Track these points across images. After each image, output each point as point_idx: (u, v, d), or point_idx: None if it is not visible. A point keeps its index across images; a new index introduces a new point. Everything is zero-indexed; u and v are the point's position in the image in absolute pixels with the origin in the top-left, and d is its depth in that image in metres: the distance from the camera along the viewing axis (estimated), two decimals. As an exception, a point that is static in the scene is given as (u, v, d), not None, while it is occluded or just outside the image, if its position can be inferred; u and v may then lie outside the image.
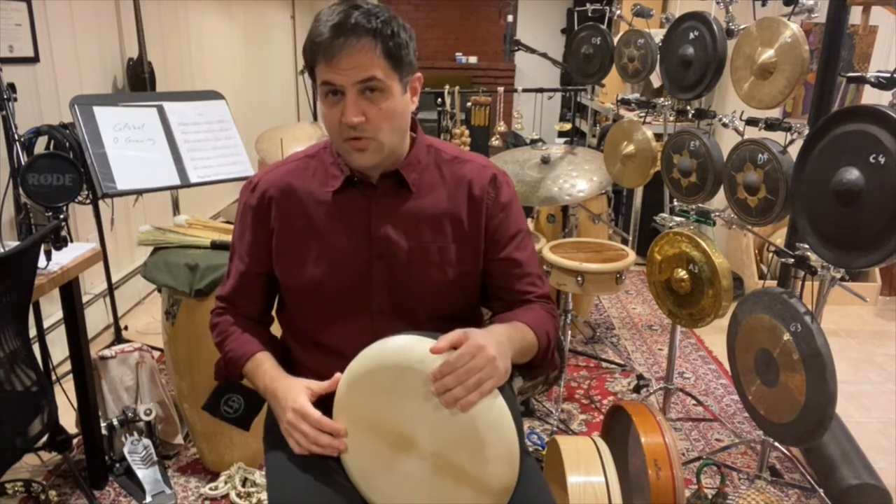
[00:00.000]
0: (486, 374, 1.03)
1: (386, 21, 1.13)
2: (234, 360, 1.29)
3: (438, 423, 1.06)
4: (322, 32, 1.11)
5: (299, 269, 1.26)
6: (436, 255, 1.24)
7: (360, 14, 1.11)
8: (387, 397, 1.08)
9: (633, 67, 2.63)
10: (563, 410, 2.66)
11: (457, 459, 1.06)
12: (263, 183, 1.28)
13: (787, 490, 2.23)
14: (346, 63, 1.10)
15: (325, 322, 1.27)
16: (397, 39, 1.13)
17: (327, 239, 1.25)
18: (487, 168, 1.29)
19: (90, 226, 2.97)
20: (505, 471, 1.06)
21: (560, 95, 5.75)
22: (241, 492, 2.13)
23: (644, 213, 4.22)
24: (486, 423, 1.04)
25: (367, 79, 1.11)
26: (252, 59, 5.86)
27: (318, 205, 1.25)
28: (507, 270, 1.29)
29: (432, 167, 1.28)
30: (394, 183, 1.25)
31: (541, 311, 1.28)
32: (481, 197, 1.26)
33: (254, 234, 1.29)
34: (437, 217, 1.25)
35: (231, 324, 1.33)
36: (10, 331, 1.64)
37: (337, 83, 1.12)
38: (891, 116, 1.48)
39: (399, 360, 1.07)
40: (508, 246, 1.28)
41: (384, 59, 1.12)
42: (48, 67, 2.99)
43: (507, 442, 1.04)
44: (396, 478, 1.12)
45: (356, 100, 1.13)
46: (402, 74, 1.16)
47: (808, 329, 1.79)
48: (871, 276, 3.88)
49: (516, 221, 1.30)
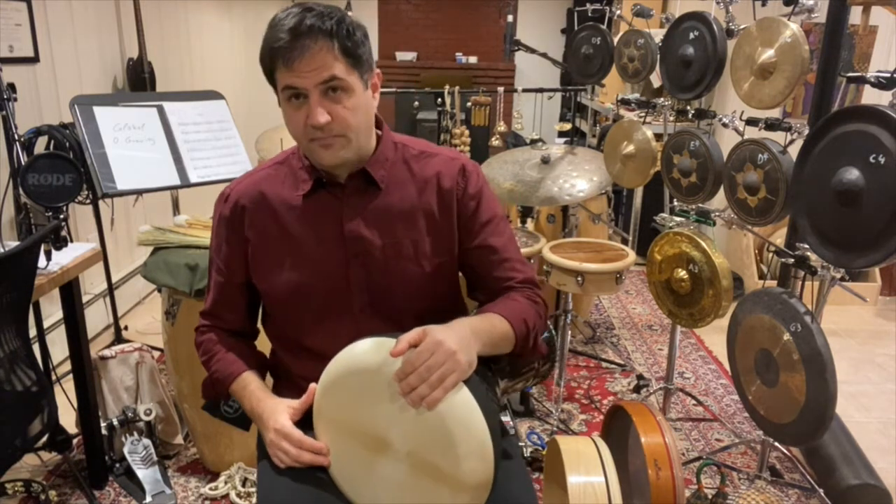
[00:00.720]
0: (448, 369, 1.03)
1: (339, 20, 1.13)
2: (220, 380, 1.31)
3: (409, 423, 1.06)
4: (279, 38, 1.11)
5: (277, 276, 1.27)
6: (410, 248, 1.25)
7: (313, 16, 1.11)
8: (358, 402, 1.10)
9: (633, 67, 2.63)
10: (563, 410, 2.66)
11: (431, 458, 1.07)
12: (235, 194, 1.30)
13: (787, 490, 2.23)
14: (306, 65, 1.11)
15: (309, 326, 1.27)
16: (353, 38, 1.14)
17: (302, 243, 1.25)
18: (456, 160, 1.30)
19: (90, 226, 2.97)
20: (479, 466, 1.05)
21: (560, 95, 5.74)
22: (241, 492, 2.13)
23: (644, 213, 4.22)
24: (454, 420, 1.04)
25: (329, 79, 1.12)
26: (252, 59, 5.79)
27: (289, 210, 1.26)
28: (485, 258, 1.29)
29: (400, 163, 1.28)
30: (362, 181, 1.25)
31: (519, 297, 1.27)
32: (451, 188, 1.27)
33: (229, 244, 1.30)
34: (407, 212, 1.25)
35: (215, 343, 1.33)
36: (10, 331, 1.64)
37: (299, 86, 1.13)
38: (891, 116, 1.48)
39: (364, 363, 1.08)
40: (482, 233, 1.28)
41: (343, 58, 1.13)
42: (48, 67, 2.99)
43: (478, 438, 1.04)
44: (377, 480, 1.12)
45: (320, 100, 1.13)
46: (361, 71, 1.16)
47: (808, 329, 1.79)
48: (871, 276, 3.88)
49: (489, 208, 1.30)
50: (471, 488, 1.07)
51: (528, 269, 1.33)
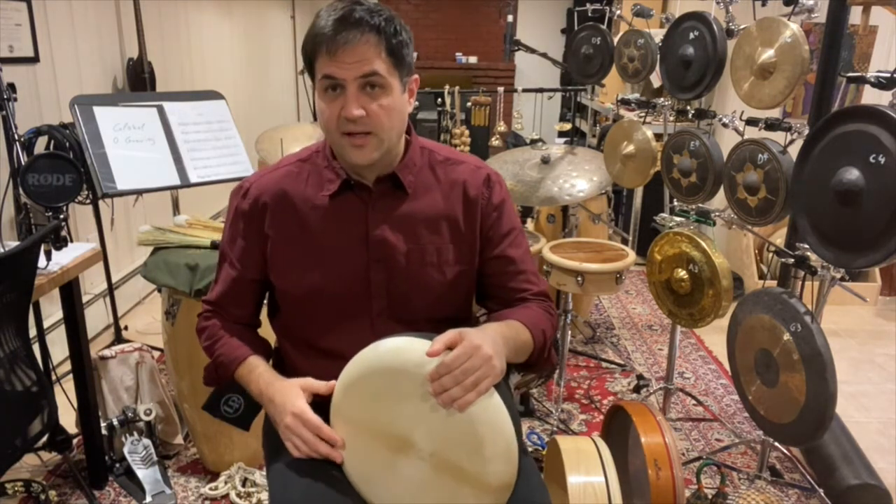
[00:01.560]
0: (483, 374, 1.03)
1: (388, 19, 1.13)
2: (224, 364, 1.29)
3: (436, 424, 1.06)
4: (325, 25, 1.11)
5: (298, 277, 1.25)
6: (433, 255, 1.25)
7: (363, 10, 1.11)
8: (383, 400, 1.08)
9: (633, 67, 2.63)
10: (563, 410, 2.66)
11: (456, 459, 1.06)
12: (255, 188, 1.28)
13: (787, 490, 2.23)
14: (349, 56, 1.10)
15: (325, 327, 1.26)
16: (400, 38, 1.14)
17: (324, 244, 1.24)
18: (481, 169, 1.30)
19: (90, 226, 2.97)
20: (504, 468, 1.06)
21: (560, 95, 5.74)
22: (241, 492, 2.13)
23: (644, 213, 4.22)
24: (484, 422, 1.04)
25: (370, 73, 1.11)
26: (252, 59, 5.86)
27: (313, 210, 1.25)
28: (502, 268, 1.30)
29: (426, 169, 1.28)
30: (390, 185, 1.25)
31: (537, 308, 1.28)
32: (476, 198, 1.27)
33: (246, 240, 1.29)
34: (433, 218, 1.25)
35: (219, 328, 1.32)
36: (10, 331, 1.64)
37: (338, 77, 1.12)
38: (891, 116, 1.48)
39: (394, 363, 1.07)
40: (502, 244, 1.29)
41: (387, 56, 1.12)
42: (48, 67, 2.99)
43: (506, 440, 1.05)
44: (397, 480, 1.12)
45: (357, 94, 1.12)
46: (402, 73, 1.16)
47: (808, 329, 1.79)
48: (871, 276, 3.88)
49: (509, 220, 1.31)
50: (494, 490, 1.07)
51: (543, 282, 1.34)
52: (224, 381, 1.32)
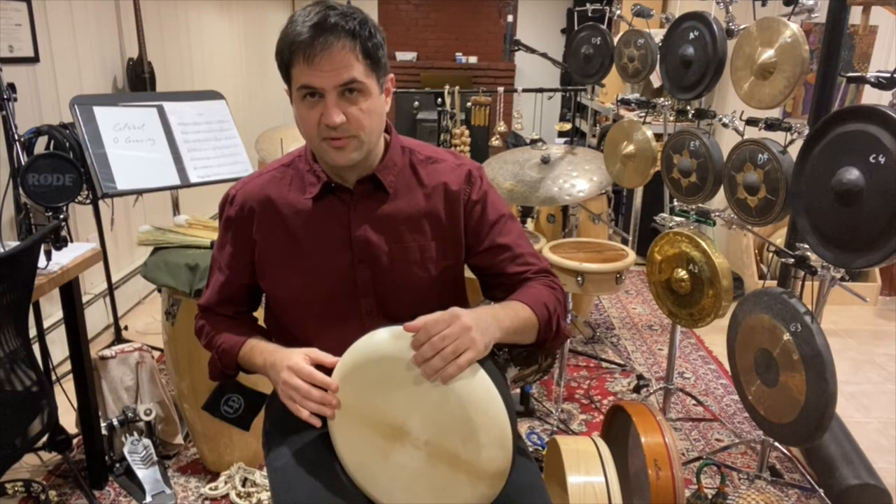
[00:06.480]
0: (462, 343, 1.02)
1: (362, 22, 1.13)
2: (227, 350, 1.30)
3: (430, 410, 1.07)
4: (300, 32, 1.10)
5: (285, 281, 1.27)
6: (416, 254, 1.26)
7: (336, 15, 1.11)
8: (377, 389, 1.10)
9: (633, 67, 2.63)
10: (563, 410, 2.66)
11: (450, 446, 1.07)
12: (241, 195, 1.29)
13: (787, 490, 2.23)
14: (327, 64, 1.10)
15: (316, 328, 1.27)
16: (374, 40, 1.14)
17: (309, 247, 1.25)
18: (462, 166, 1.31)
19: (90, 226, 2.97)
20: (498, 454, 1.06)
21: (560, 95, 5.75)
22: (241, 492, 2.13)
23: (644, 213, 4.22)
24: (475, 408, 1.04)
25: (349, 81, 1.12)
26: (252, 59, 5.86)
27: (297, 214, 1.26)
28: (498, 257, 1.30)
29: (407, 169, 1.29)
30: (371, 186, 1.25)
31: (537, 284, 1.28)
32: (458, 195, 1.28)
33: (234, 246, 1.30)
34: (415, 217, 1.26)
35: (217, 322, 1.35)
36: (10, 331, 1.64)
37: (317, 86, 1.12)
38: (891, 116, 1.48)
39: (384, 351, 1.08)
40: (490, 234, 1.30)
41: (363, 59, 1.12)
42: (48, 67, 2.99)
43: (499, 426, 1.05)
44: (393, 469, 1.13)
45: (337, 101, 1.13)
46: (378, 75, 1.16)
47: (808, 329, 1.79)
48: (871, 276, 3.88)
49: (495, 209, 1.31)
50: (489, 476, 1.07)
51: (542, 260, 1.34)
52: (228, 369, 1.32)
